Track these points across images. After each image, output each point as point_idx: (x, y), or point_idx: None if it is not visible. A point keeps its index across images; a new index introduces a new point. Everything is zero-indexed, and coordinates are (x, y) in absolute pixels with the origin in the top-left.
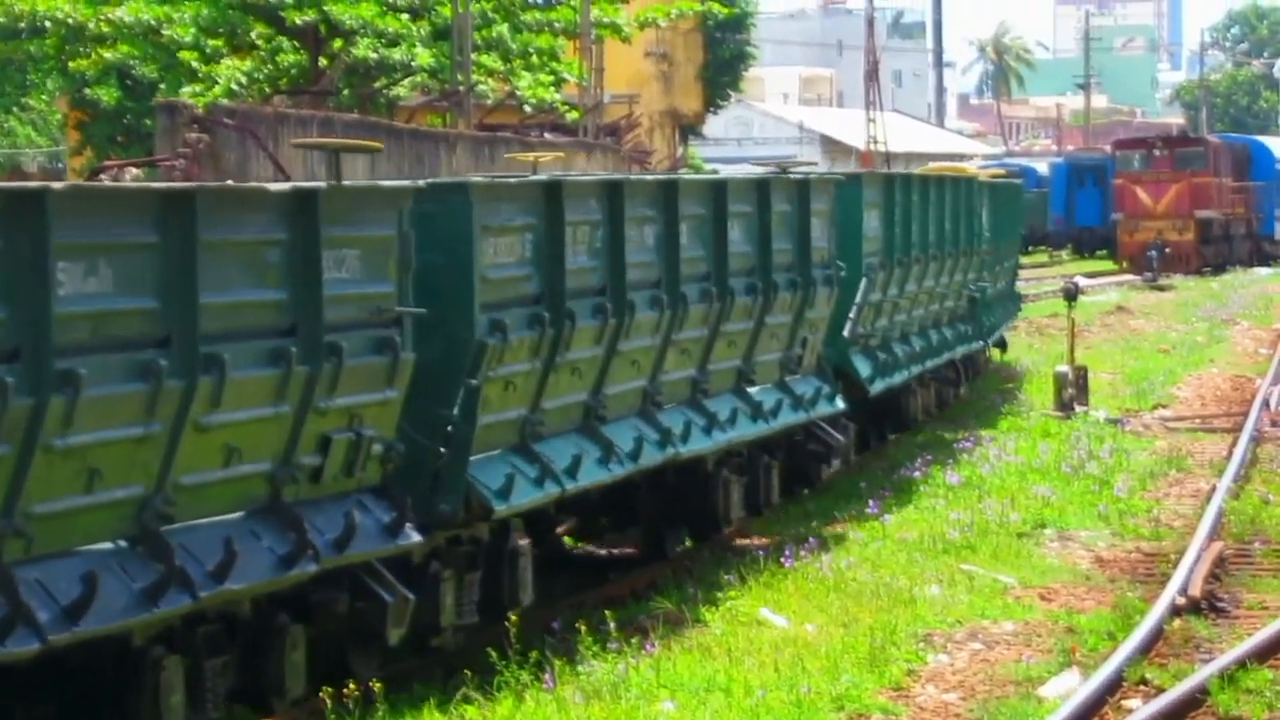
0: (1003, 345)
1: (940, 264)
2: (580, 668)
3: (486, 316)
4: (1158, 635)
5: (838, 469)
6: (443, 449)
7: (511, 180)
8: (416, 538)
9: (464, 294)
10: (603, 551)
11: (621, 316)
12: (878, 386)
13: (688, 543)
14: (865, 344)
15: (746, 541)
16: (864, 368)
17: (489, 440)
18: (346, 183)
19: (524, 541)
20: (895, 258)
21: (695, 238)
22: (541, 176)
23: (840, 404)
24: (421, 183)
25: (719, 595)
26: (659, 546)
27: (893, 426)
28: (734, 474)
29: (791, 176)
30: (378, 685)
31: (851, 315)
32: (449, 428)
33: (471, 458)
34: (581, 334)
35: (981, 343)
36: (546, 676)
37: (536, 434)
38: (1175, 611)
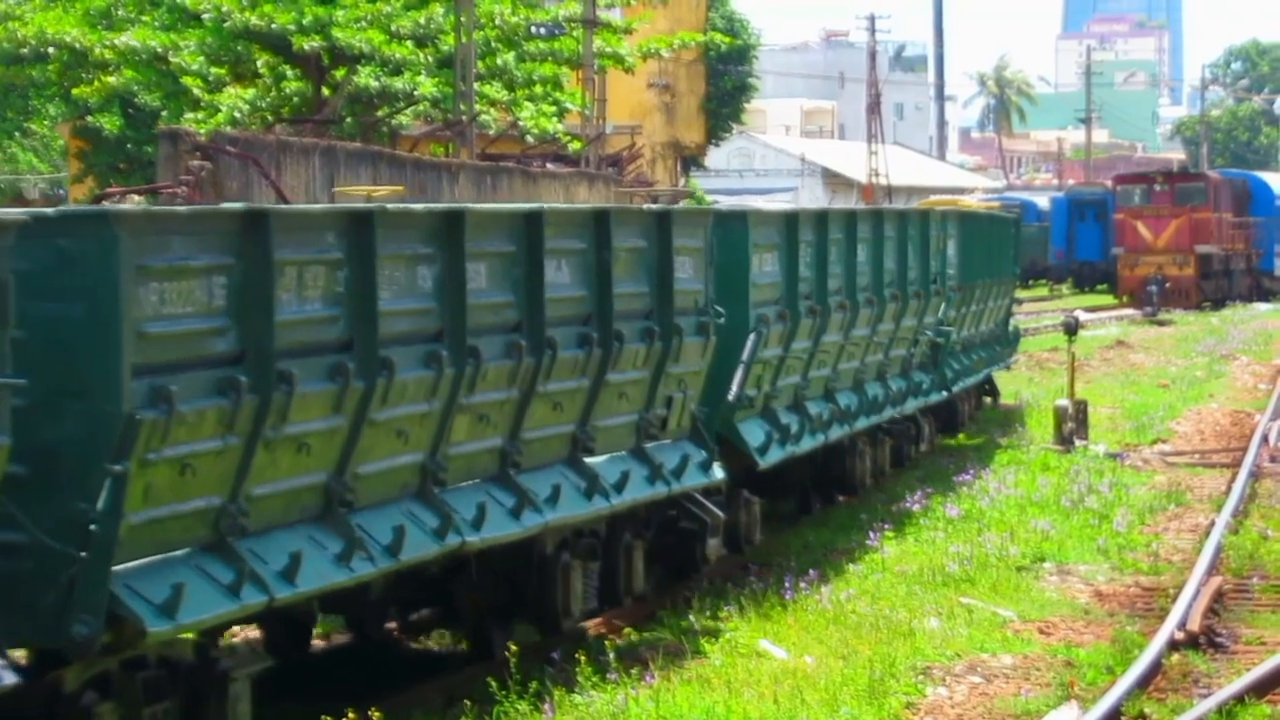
0: (993, 393)
1: (880, 309)
2: (579, 698)
3: (144, 383)
4: (1156, 670)
5: (717, 548)
6: (81, 553)
7: (197, 210)
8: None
9: (106, 354)
10: (435, 648)
11: (374, 377)
12: (773, 457)
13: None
14: (763, 406)
15: (604, 633)
16: (754, 435)
17: (156, 540)
18: None
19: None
20: (803, 306)
21: (497, 280)
22: (239, 205)
23: (717, 473)
24: (49, 210)
25: (719, 627)
26: (486, 645)
27: (841, 487)
28: (580, 559)
29: (646, 208)
30: (377, 714)
31: (739, 374)
32: (90, 526)
33: (128, 564)
34: (308, 399)
35: (944, 393)
36: (546, 706)
37: (239, 528)
38: (1174, 646)
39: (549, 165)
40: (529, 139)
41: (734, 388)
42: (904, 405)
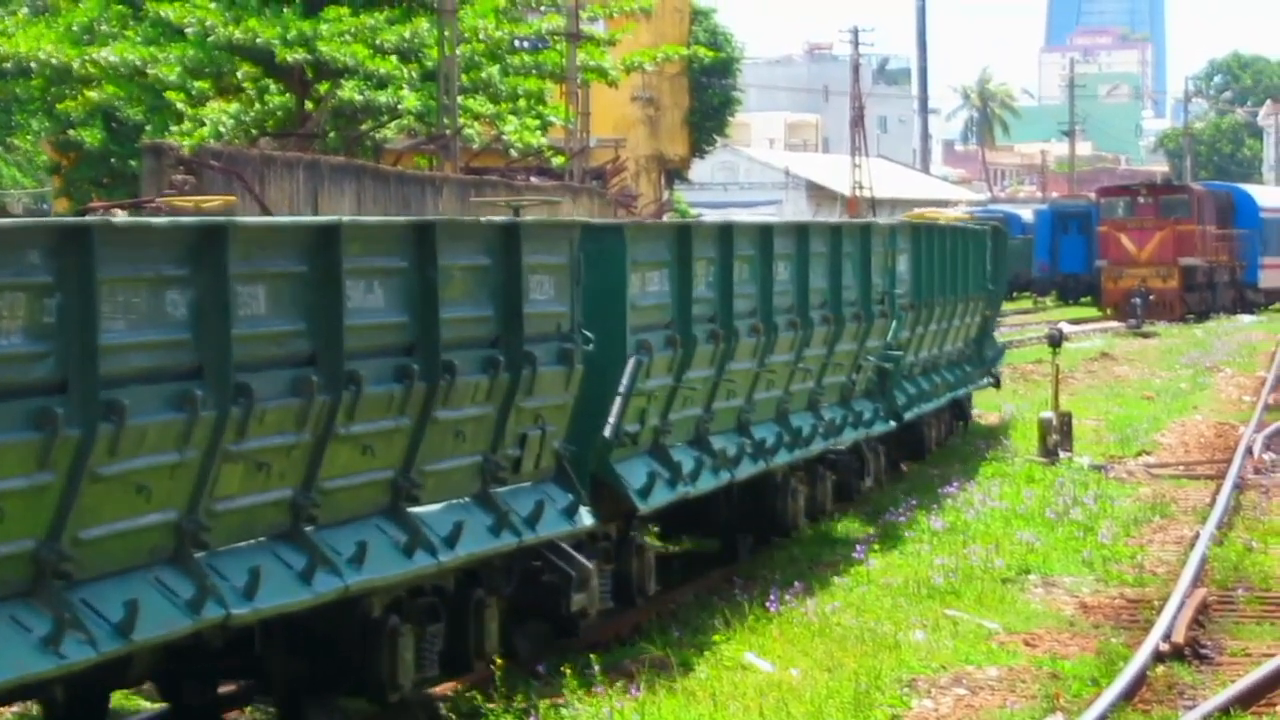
0: (963, 414)
1: (806, 333)
2: (565, 711)
3: None
4: (1141, 682)
5: (587, 602)
6: None
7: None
8: None
9: None
10: None
11: (93, 424)
12: (658, 499)
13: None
14: (651, 442)
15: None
16: (635, 475)
17: None
18: None
19: None
20: (701, 331)
21: (282, 305)
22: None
23: (585, 519)
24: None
25: (704, 639)
26: None
27: (771, 525)
28: (414, 622)
29: (491, 220)
30: None
31: (615, 407)
32: None
33: None
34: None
35: (892, 423)
36: (531, 719)
37: None
38: (1159, 658)
39: (533, 179)
40: (513, 153)
41: (610, 422)
42: (840, 437)
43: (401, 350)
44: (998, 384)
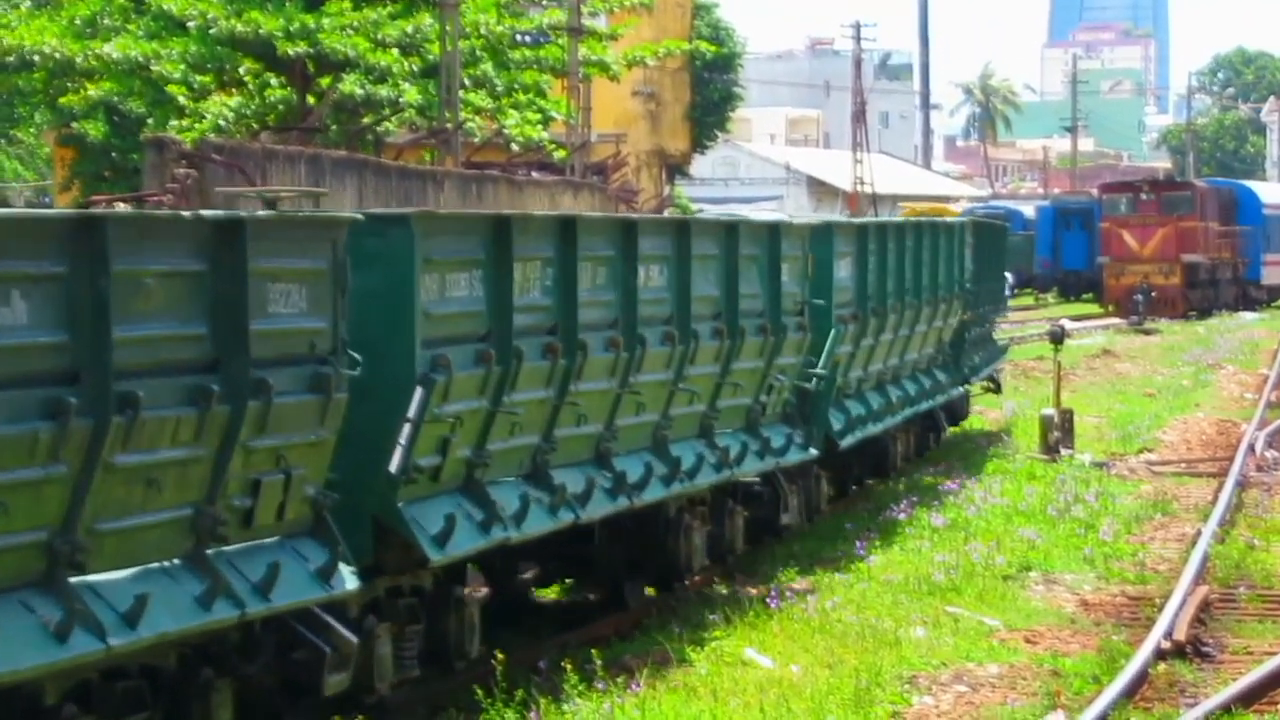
0: (937, 428)
1: (689, 348)
2: (566, 707)
3: None
4: (1143, 679)
5: (347, 684)
6: None
7: None
8: None
9: None
10: None
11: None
12: (461, 546)
13: None
14: (463, 478)
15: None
16: (430, 519)
17: None
18: None
19: None
20: (531, 345)
21: None
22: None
23: (347, 582)
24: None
25: (704, 635)
26: None
27: (663, 568)
28: (113, 714)
29: (200, 215)
30: None
31: (403, 438)
32: None
33: None
34: None
35: (811, 450)
36: (532, 715)
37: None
38: (1160, 655)
39: (534, 174)
40: (514, 147)
41: (396, 458)
42: (741, 467)
43: (54, 379)
44: (998, 388)
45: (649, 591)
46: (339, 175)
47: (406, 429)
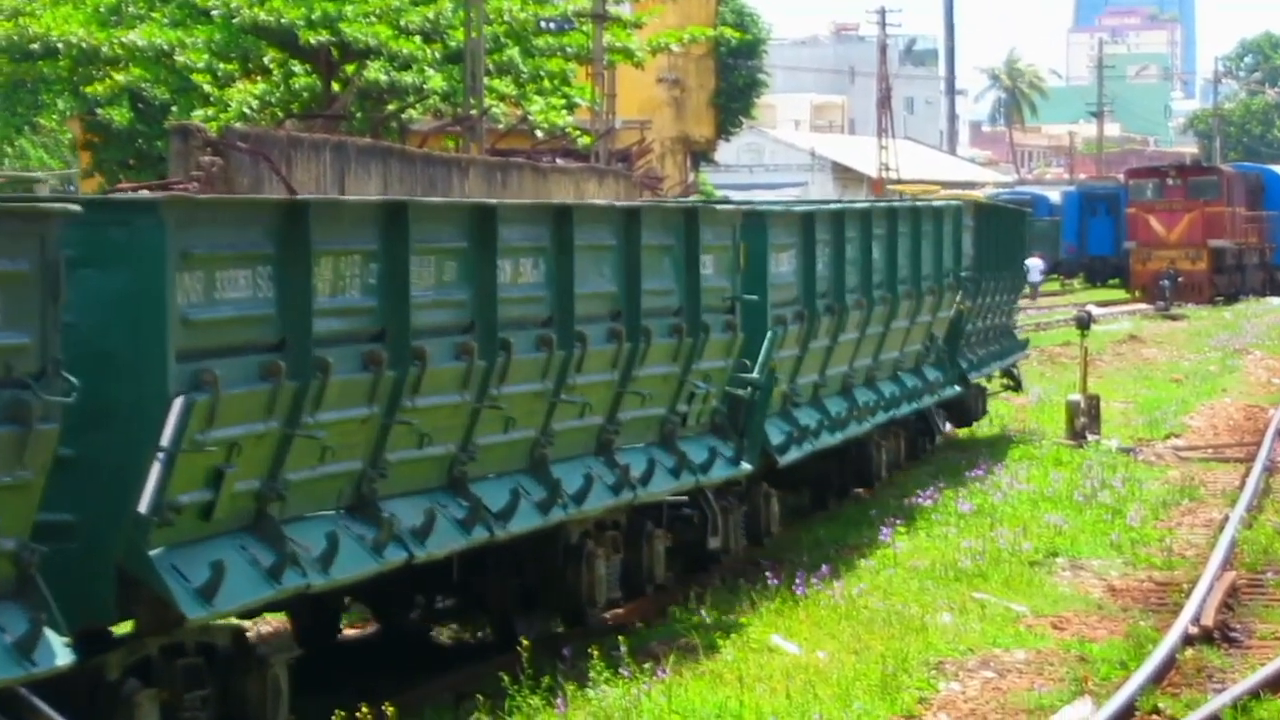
0: (929, 431)
1: (570, 355)
2: (592, 693)
3: None
4: (1170, 665)
5: None
6: None
7: None
8: None
9: None
10: None
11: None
12: (229, 603)
13: None
14: (250, 517)
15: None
16: (193, 569)
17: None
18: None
19: None
20: (345, 355)
21: None
22: None
23: (57, 656)
24: None
25: (731, 622)
26: None
27: (564, 603)
28: None
29: None
30: (390, 709)
31: (154, 473)
32: None
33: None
34: None
35: (741, 465)
36: (559, 701)
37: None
38: (1188, 641)
39: (559, 161)
40: (538, 134)
41: (147, 495)
42: (648, 486)
43: None
44: (1017, 385)
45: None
46: (364, 163)
47: (157, 465)
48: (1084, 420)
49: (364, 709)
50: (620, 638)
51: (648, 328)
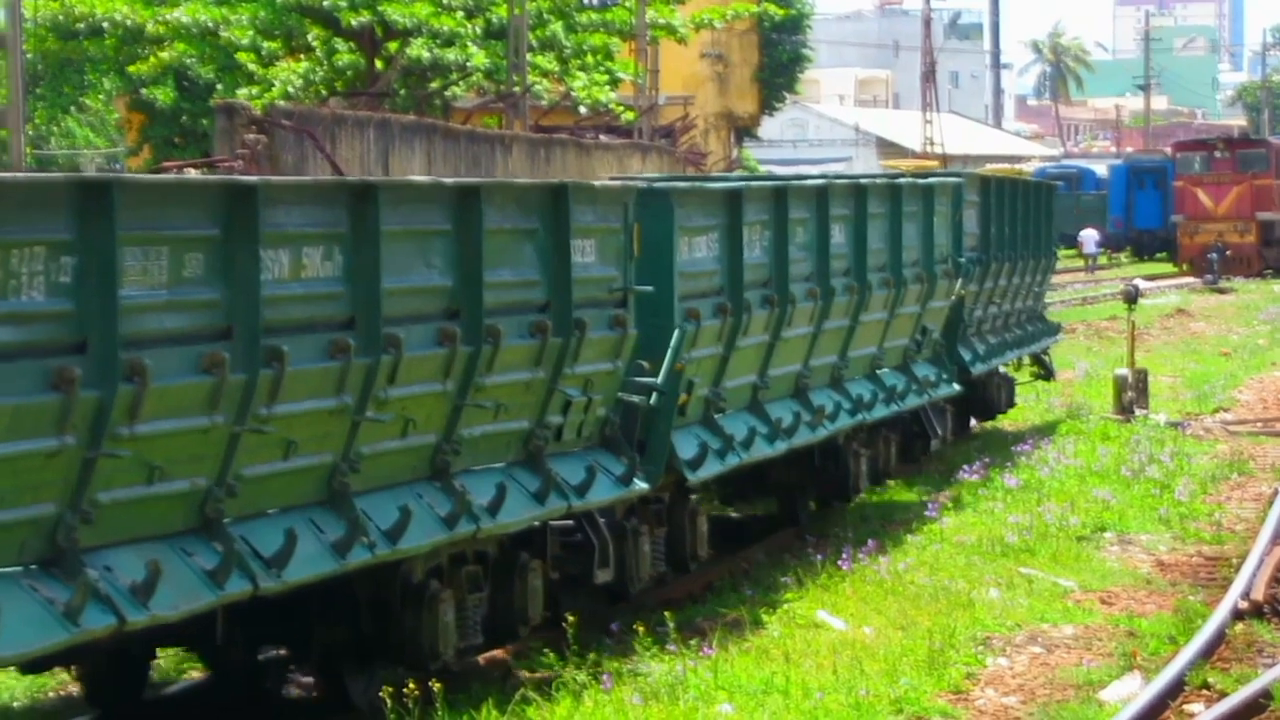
0: (924, 435)
1: (339, 372)
2: (638, 669)
3: None
4: (1220, 639)
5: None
6: None
7: None
8: None
9: None
10: None
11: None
12: None
13: None
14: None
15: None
16: None
17: None
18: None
19: None
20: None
21: None
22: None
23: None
24: None
25: (776, 598)
26: None
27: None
28: None
29: None
30: (437, 685)
31: None
32: None
33: None
34: None
35: (640, 485)
36: (605, 677)
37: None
38: (1237, 615)
39: (602, 137)
40: (582, 110)
41: None
42: (497, 517)
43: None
44: (1048, 373)
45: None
46: (407, 140)
47: None
48: (1131, 395)
49: (411, 684)
50: (666, 614)
51: (495, 327)
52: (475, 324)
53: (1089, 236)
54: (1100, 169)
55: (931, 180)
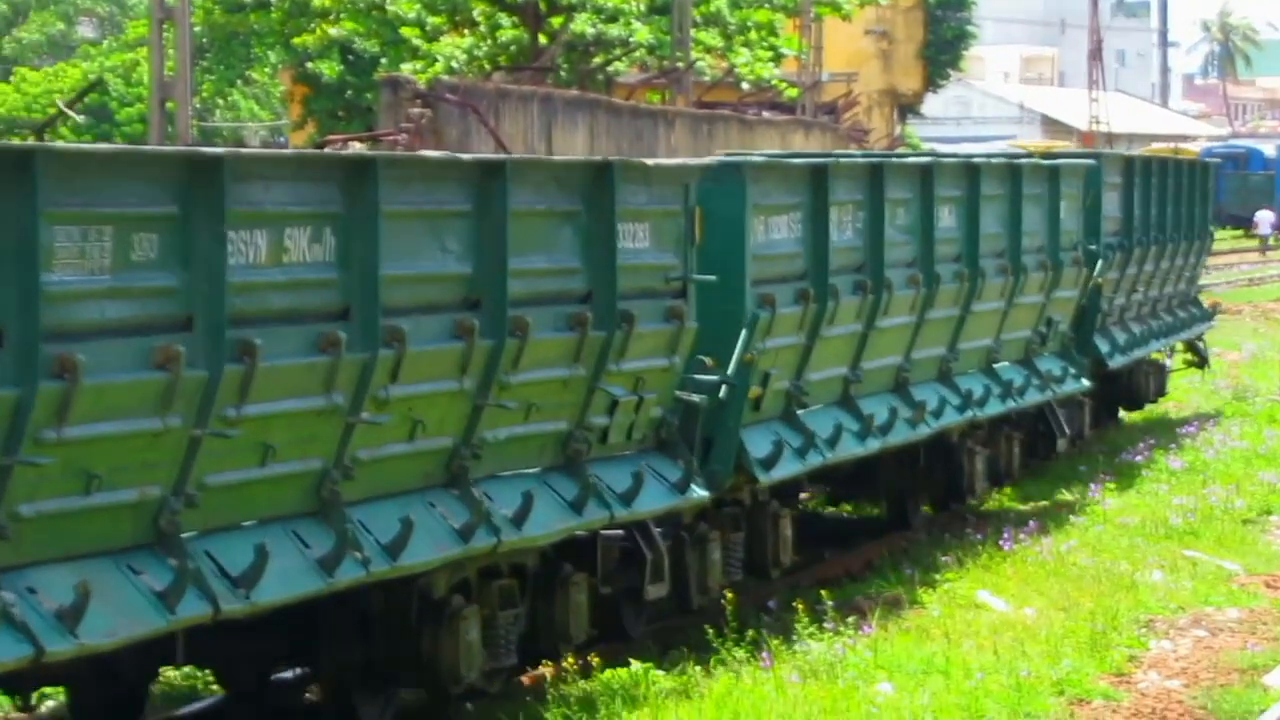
0: (1057, 428)
1: (329, 369)
2: (797, 647)
3: None
4: None
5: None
6: None
7: None
8: None
9: None
10: None
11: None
12: None
13: None
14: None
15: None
16: None
17: None
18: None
19: None
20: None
21: None
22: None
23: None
24: None
25: (936, 577)
26: None
27: None
28: None
29: None
30: (595, 659)
31: None
32: None
33: None
34: None
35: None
36: (763, 655)
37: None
38: None
39: (765, 113)
40: (744, 86)
41: None
42: (523, 530)
43: None
44: (1202, 361)
45: None
46: (570, 115)
47: None
48: None
49: (570, 658)
50: (823, 592)
51: (522, 319)
52: (498, 315)
53: (1265, 218)
54: (1268, 149)
55: (1059, 161)
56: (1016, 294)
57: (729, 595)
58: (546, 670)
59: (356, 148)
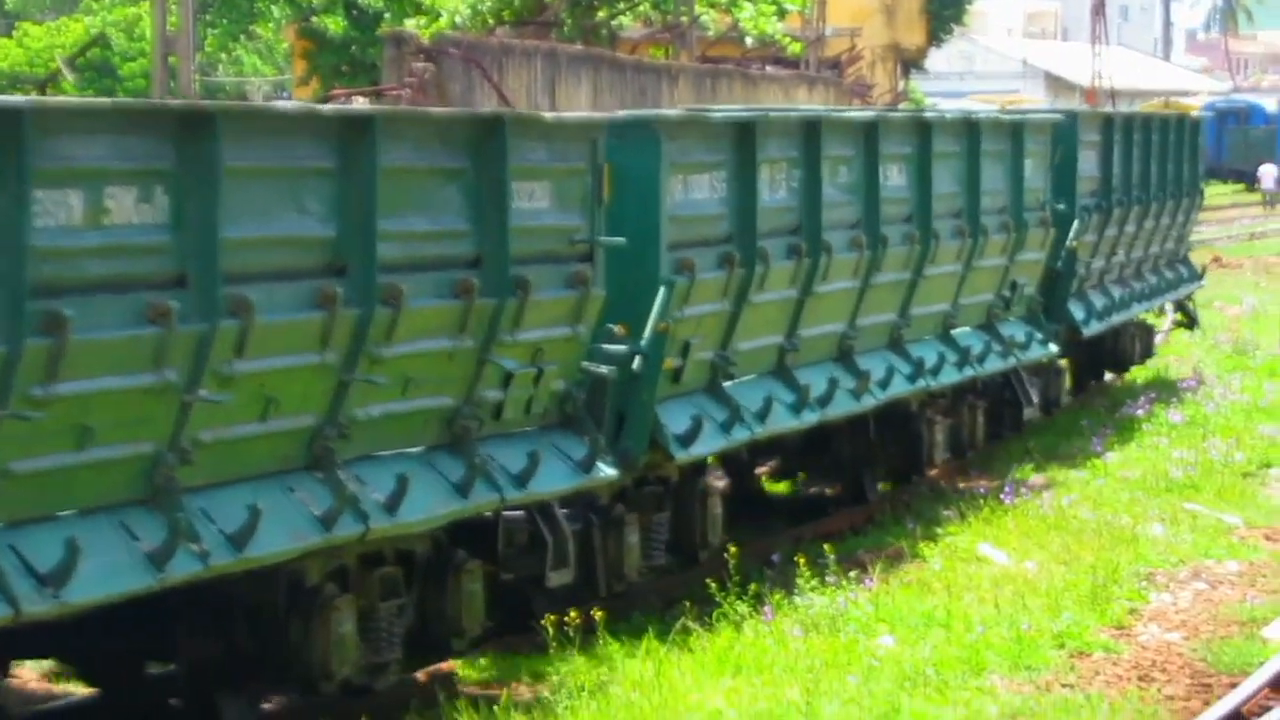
0: (1017, 399)
1: (159, 341)
2: (798, 601)
3: None
4: None
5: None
6: None
7: None
8: None
9: None
10: None
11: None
12: None
13: None
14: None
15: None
16: None
17: None
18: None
19: None
20: None
21: None
22: None
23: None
24: None
25: (938, 531)
26: None
27: None
28: None
29: None
30: (599, 614)
31: None
32: None
33: None
34: None
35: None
36: (765, 609)
37: None
38: None
39: (769, 68)
40: (748, 41)
41: None
42: (396, 516)
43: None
44: (1191, 322)
45: None
46: (574, 70)
47: None
48: None
49: (573, 613)
50: (826, 546)
51: (395, 286)
52: (366, 282)
53: (1268, 172)
54: (1270, 104)
55: (1023, 117)
56: (975, 256)
57: (731, 549)
58: (454, 666)
59: (360, 103)
